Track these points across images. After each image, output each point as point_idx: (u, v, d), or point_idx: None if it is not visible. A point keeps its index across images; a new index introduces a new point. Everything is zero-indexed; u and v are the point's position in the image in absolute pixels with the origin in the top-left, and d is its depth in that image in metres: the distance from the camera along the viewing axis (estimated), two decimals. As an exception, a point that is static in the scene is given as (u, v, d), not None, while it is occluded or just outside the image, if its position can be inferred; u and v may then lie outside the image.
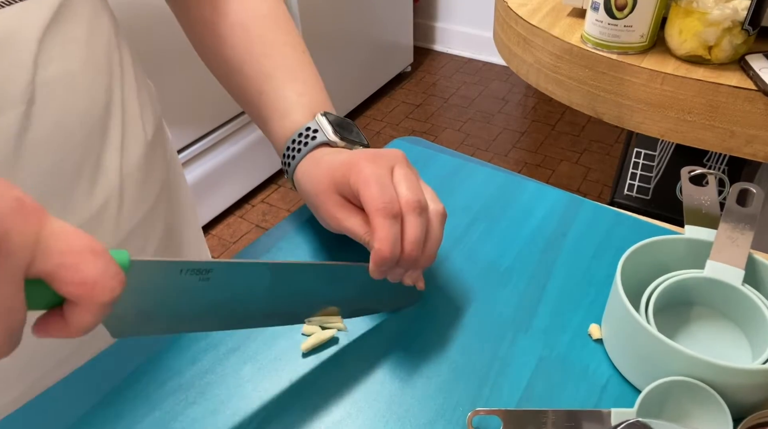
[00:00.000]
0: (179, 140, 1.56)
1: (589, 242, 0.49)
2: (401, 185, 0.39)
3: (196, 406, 0.38)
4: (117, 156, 0.43)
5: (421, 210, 0.38)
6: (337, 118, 0.46)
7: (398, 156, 0.41)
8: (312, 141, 0.44)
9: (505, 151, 2.11)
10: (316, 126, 0.45)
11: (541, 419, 0.35)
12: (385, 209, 0.37)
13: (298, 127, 0.45)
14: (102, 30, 0.43)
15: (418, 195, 0.38)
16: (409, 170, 0.40)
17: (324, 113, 0.46)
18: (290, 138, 0.46)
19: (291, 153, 0.45)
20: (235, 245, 1.73)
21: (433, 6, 2.70)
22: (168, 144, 0.56)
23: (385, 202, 0.37)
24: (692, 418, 0.35)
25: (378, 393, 0.38)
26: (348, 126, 0.46)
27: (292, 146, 0.45)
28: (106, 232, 0.43)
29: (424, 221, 0.39)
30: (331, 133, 0.44)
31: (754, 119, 0.68)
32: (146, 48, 1.35)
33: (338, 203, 0.41)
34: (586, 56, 0.78)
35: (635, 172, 1.50)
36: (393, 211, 0.37)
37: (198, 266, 0.31)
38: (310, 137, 0.45)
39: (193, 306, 0.33)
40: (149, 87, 0.53)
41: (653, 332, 0.35)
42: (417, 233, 0.38)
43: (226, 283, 0.33)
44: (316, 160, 0.43)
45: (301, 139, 0.45)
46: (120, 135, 0.44)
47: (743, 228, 0.41)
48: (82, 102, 0.40)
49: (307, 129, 0.45)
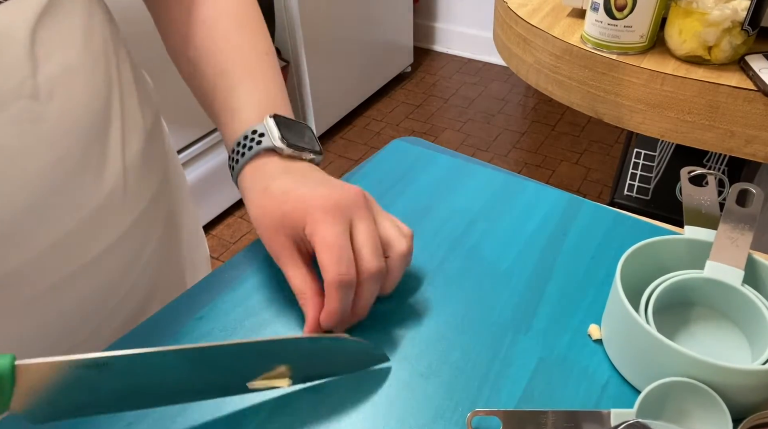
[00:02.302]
0: (180, 140, 1.56)
1: (589, 242, 0.49)
2: (363, 249, 0.38)
3: (196, 407, 0.38)
4: (119, 147, 0.44)
5: (380, 275, 0.38)
6: (289, 121, 0.44)
7: (357, 201, 0.39)
8: (256, 145, 0.42)
9: (505, 151, 2.11)
10: (263, 129, 0.42)
11: (541, 420, 0.35)
12: (341, 281, 0.36)
13: (246, 127, 0.43)
14: (97, 24, 0.43)
15: (379, 262, 0.38)
16: (368, 223, 0.39)
17: (274, 115, 0.43)
18: (236, 140, 0.43)
19: (235, 156, 0.43)
20: (235, 245, 1.73)
21: (433, 6, 2.70)
22: (166, 137, 0.56)
23: (341, 273, 0.36)
24: (692, 418, 0.35)
25: (378, 393, 0.38)
26: (300, 130, 0.44)
27: (237, 149, 0.43)
28: (111, 224, 0.43)
29: (379, 284, 0.39)
30: (278, 137, 0.42)
31: (753, 119, 0.68)
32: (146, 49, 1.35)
33: (285, 247, 0.39)
34: (585, 57, 0.78)
35: (635, 173, 1.50)
36: (349, 282, 0.37)
37: (91, 362, 0.29)
38: (255, 141, 0.42)
39: (99, 396, 0.31)
40: (146, 80, 0.53)
41: (653, 333, 0.35)
42: (370, 300, 0.39)
43: (132, 373, 0.31)
44: (263, 183, 0.41)
45: (246, 143, 0.43)
46: (121, 126, 0.44)
47: (743, 228, 0.41)
48: (83, 95, 0.40)
49: (254, 132, 0.42)
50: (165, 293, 0.52)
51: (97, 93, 0.41)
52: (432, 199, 0.54)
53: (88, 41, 0.41)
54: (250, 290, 0.45)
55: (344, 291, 0.37)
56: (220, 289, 0.46)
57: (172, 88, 1.48)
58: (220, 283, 0.46)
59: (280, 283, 0.46)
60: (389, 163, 0.59)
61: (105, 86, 0.43)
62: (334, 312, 0.37)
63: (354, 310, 0.40)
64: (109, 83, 0.43)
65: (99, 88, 0.42)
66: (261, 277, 0.47)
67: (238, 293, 0.45)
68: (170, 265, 0.54)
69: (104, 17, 0.45)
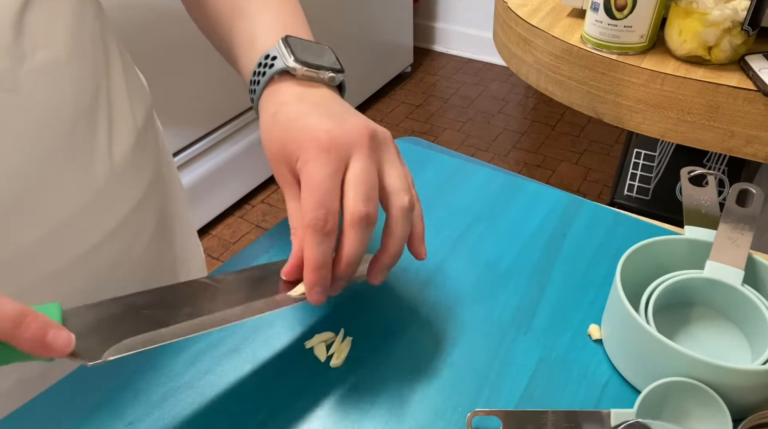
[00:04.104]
0: (179, 140, 1.56)
1: (589, 242, 0.49)
2: (349, 191, 0.34)
3: (196, 407, 0.38)
4: (107, 144, 0.43)
5: (367, 223, 0.34)
6: (305, 42, 0.41)
7: (360, 141, 0.35)
8: (269, 69, 0.39)
9: (505, 151, 2.11)
10: (275, 52, 0.39)
11: (541, 420, 0.35)
12: (316, 226, 0.33)
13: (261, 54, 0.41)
14: (87, 19, 0.43)
15: (367, 207, 0.34)
16: (364, 165, 0.35)
17: (286, 37, 0.40)
18: (252, 69, 0.41)
19: (252, 86, 0.41)
20: (235, 245, 1.73)
21: (433, 6, 2.70)
22: (159, 135, 0.56)
23: (317, 218, 0.33)
24: (692, 418, 0.35)
25: (378, 393, 0.38)
26: (319, 50, 0.41)
27: (253, 79, 0.41)
28: (101, 220, 0.43)
29: (367, 234, 0.35)
30: (289, 57, 0.39)
31: (753, 119, 0.68)
32: (146, 51, 1.35)
33: (285, 179, 0.37)
34: (585, 57, 0.78)
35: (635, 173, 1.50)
36: (323, 229, 0.33)
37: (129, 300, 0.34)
38: (268, 66, 0.39)
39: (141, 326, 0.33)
40: (138, 76, 0.53)
41: (653, 333, 0.35)
42: (354, 250, 0.34)
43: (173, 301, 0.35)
44: (274, 108, 0.38)
45: (261, 69, 0.40)
46: (108, 123, 0.44)
47: (743, 228, 0.41)
48: (69, 90, 0.40)
49: (266, 56, 0.40)
50: None
51: (83, 89, 0.41)
52: (432, 199, 0.54)
53: (77, 36, 0.41)
54: (250, 290, 0.45)
55: (319, 238, 0.33)
56: (220, 289, 0.46)
57: (172, 88, 1.49)
58: (220, 283, 0.46)
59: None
60: (389, 163, 0.59)
61: (92, 82, 0.42)
62: (309, 259, 0.34)
63: (338, 264, 0.35)
64: (96, 79, 0.43)
65: (86, 84, 0.41)
66: (261, 277, 0.47)
67: (238, 293, 0.45)
68: (162, 266, 0.54)
69: (95, 12, 0.45)
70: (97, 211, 0.43)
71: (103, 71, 0.44)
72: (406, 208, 0.36)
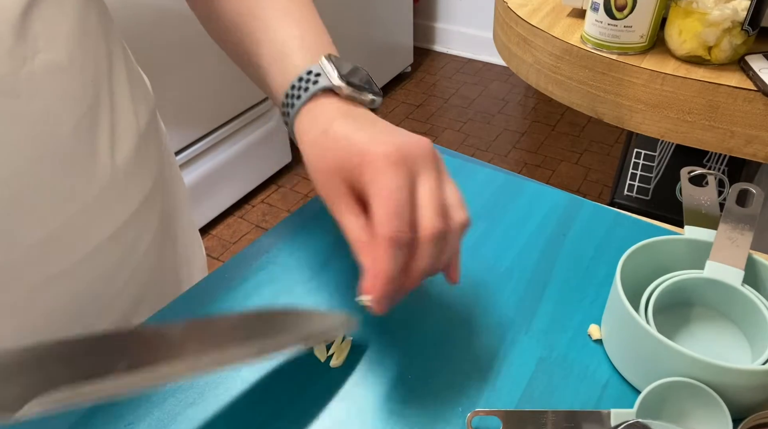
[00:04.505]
0: (180, 140, 1.56)
1: (589, 242, 0.49)
2: (425, 207, 0.34)
3: (195, 407, 0.38)
4: (108, 147, 0.43)
5: (442, 238, 0.34)
6: (342, 61, 0.41)
7: (426, 155, 0.35)
8: (313, 86, 0.39)
9: (505, 151, 2.11)
10: (318, 69, 0.39)
11: (541, 420, 0.35)
12: (394, 239, 0.32)
13: (299, 72, 0.40)
14: (90, 22, 0.42)
15: (443, 222, 0.34)
16: (435, 180, 0.35)
17: (329, 56, 0.40)
18: (290, 83, 0.40)
19: (290, 101, 0.40)
20: (235, 246, 1.73)
21: (433, 6, 2.70)
22: (162, 137, 0.56)
23: (395, 229, 0.32)
24: (692, 418, 0.35)
25: (378, 393, 0.38)
26: (356, 71, 0.41)
27: (292, 93, 0.40)
28: (102, 223, 0.43)
29: (441, 248, 0.35)
30: (336, 76, 0.39)
31: (753, 119, 0.68)
32: (146, 50, 1.35)
33: (342, 193, 0.36)
34: (586, 57, 0.78)
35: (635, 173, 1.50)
36: (402, 241, 0.33)
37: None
38: (311, 82, 0.39)
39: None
40: (143, 79, 0.53)
41: (653, 333, 0.35)
42: (428, 264, 0.34)
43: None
44: (323, 125, 0.38)
45: (302, 85, 0.39)
46: (110, 127, 0.44)
47: (743, 228, 0.41)
48: (70, 94, 0.39)
49: (308, 73, 0.39)
50: (158, 296, 0.52)
51: (85, 92, 0.41)
52: (432, 199, 0.54)
53: (80, 39, 0.40)
54: (250, 290, 0.45)
55: (397, 251, 0.33)
56: (220, 289, 0.46)
57: (172, 88, 1.49)
58: (220, 283, 0.46)
59: (280, 284, 0.46)
60: (389, 163, 0.59)
61: (94, 86, 0.42)
62: (383, 273, 0.33)
63: (408, 278, 0.35)
64: (98, 82, 0.43)
65: (87, 88, 0.41)
66: (261, 277, 0.47)
67: (238, 293, 0.45)
68: (164, 268, 0.54)
69: (100, 14, 0.44)
70: (99, 214, 0.43)
71: (105, 74, 0.44)
72: (464, 224, 0.36)
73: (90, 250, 0.42)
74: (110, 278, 0.45)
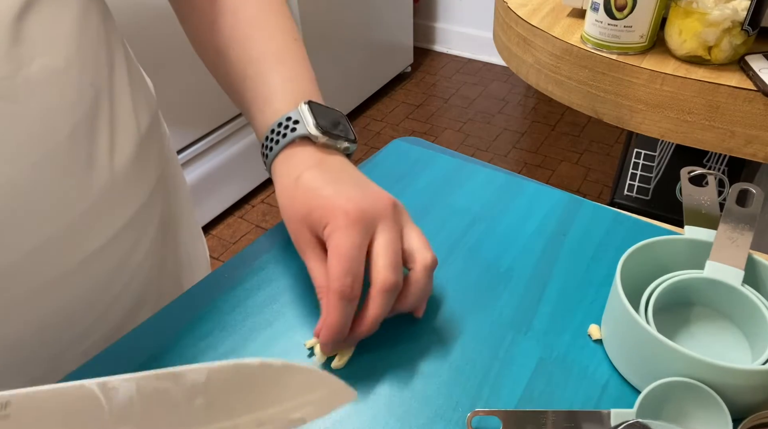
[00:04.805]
0: (179, 141, 1.56)
1: (589, 242, 0.49)
2: (379, 260, 0.37)
3: (196, 407, 0.38)
4: (107, 152, 0.43)
5: (395, 290, 0.37)
6: (322, 108, 0.43)
7: (384, 212, 0.38)
8: (291, 133, 0.41)
9: (505, 151, 2.11)
10: (297, 116, 0.42)
11: (541, 420, 0.35)
12: (342, 293, 0.36)
13: (279, 115, 0.43)
14: (91, 25, 0.42)
15: (395, 276, 0.37)
16: (390, 235, 0.38)
17: (308, 102, 0.42)
18: (270, 127, 0.43)
19: (269, 144, 0.43)
20: (235, 245, 1.74)
21: (433, 6, 2.70)
22: (165, 138, 0.55)
23: (344, 285, 0.36)
24: (692, 418, 0.35)
25: (378, 393, 0.38)
26: (334, 119, 0.43)
27: (271, 137, 0.43)
28: (100, 228, 0.43)
29: (393, 299, 0.38)
30: (312, 125, 0.41)
31: (753, 119, 0.68)
32: (146, 49, 1.35)
33: (309, 241, 0.39)
34: (586, 57, 0.78)
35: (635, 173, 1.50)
36: (351, 296, 0.36)
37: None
38: (289, 129, 0.42)
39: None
40: (145, 82, 0.52)
41: (653, 333, 0.35)
42: (379, 314, 0.38)
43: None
44: (295, 172, 0.41)
45: (280, 130, 0.42)
46: (109, 131, 0.43)
47: (743, 228, 0.41)
48: (68, 98, 0.39)
49: (288, 119, 0.42)
50: (159, 296, 0.52)
51: (83, 97, 0.40)
52: (432, 199, 0.54)
53: (80, 43, 0.40)
54: (250, 290, 0.45)
55: (344, 303, 0.36)
56: (220, 289, 0.46)
57: (172, 88, 1.49)
58: (220, 283, 0.46)
59: (280, 284, 0.46)
60: (389, 163, 0.59)
61: (93, 90, 0.41)
62: (331, 323, 0.37)
63: (361, 324, 0.38)
64: (98, 86, 0.42)
65: (86, 92, 0.41)
66: (261, 277, 0.47)
67: (238, 293, 0.45)
68: (165, 268, 0.54)
69: (101, 17, 0.44)
70: (96, 219, 0.42)
71: (106, 78, 0.43)
72: (429, 264, 0.39)
73: (86, 256, 0.42)
74: (108, 282, 0.45)
